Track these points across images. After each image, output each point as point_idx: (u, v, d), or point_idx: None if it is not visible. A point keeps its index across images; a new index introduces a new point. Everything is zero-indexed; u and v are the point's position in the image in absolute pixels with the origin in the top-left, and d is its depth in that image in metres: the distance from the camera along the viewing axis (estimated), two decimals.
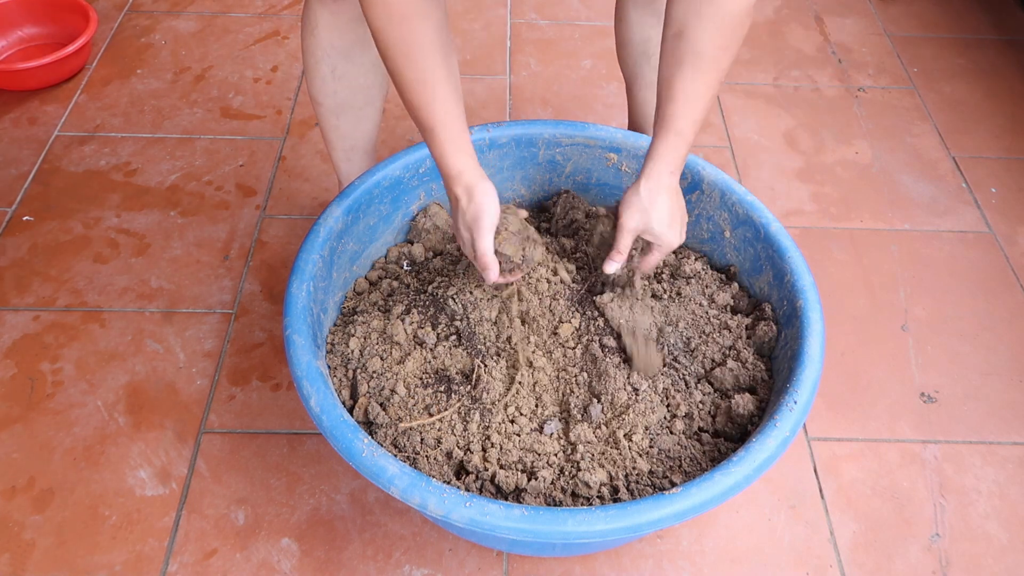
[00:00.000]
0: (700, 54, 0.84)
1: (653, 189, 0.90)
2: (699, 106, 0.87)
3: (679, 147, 0.88)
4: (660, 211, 0.90)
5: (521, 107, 1.70)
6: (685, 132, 0.88)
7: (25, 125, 1.61)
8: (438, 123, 0.84)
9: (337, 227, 1.05)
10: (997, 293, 1.38)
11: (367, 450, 0.82)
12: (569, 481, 0.90)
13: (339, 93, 1.13)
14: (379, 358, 0.99)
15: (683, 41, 0.85)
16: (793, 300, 0.99)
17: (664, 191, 0.90)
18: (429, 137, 0.86)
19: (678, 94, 0.86)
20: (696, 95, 0.86)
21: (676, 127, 0.87)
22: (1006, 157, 1.62)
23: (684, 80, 0.85)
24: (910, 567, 1.05)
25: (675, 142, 0.88)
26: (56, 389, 1.20)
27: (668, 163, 0.89)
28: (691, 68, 0.85)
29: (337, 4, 1.04)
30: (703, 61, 0.85)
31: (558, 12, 1.95)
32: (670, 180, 0.90)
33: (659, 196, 0.90)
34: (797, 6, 2.01)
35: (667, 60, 0.87)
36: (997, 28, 1.95)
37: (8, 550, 1.03)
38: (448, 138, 0.85)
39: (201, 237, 1.42)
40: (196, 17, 1.90)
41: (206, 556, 1.03)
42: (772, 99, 1.74)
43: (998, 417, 1.21)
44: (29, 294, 1.32)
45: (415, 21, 0.79)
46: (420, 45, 0.81)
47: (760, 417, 0.95)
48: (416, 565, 1.03)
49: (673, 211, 0.91)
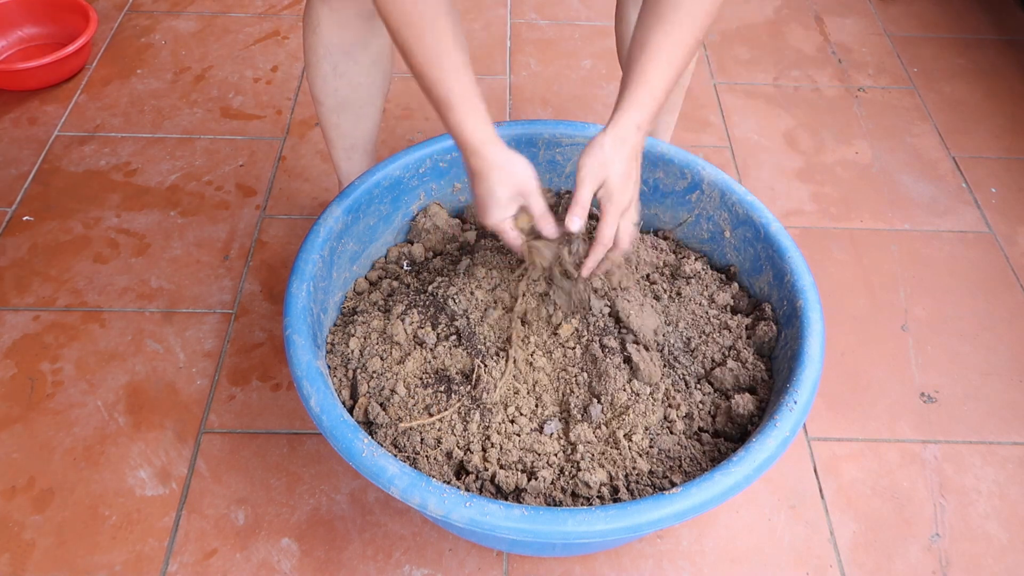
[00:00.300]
0: (679, 9, 0.82)
1: (617, 140, 0.85)
2: (674, 64, 0.84)
3: (648, 103, 0.85)
4: (618, 164, 0.85)
5: (521, 107, 1.70)
6: (656, 89, 0.84)
7: (25, 125, 1.61)
8: (453, 96, 0.82)
9: (337, 227, 1.05)
10: (997, 293, 1.38)
11: (367, 450, 0.82)
12: (569, 481, 0.90)
13: (340, 91, 1.13)
14: (379, 358, 0.99)
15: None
16: (793, 300, 0.99)
17: (627, 145, 0.85)
18: (446, 111, 0.83)
19: (652, 48, 0.83)
20: (672, 52, 0.83)
21: (648, 81, 0.84)
22: (1006, 157, 1.62)
23: (660, 35, 0.83)
24: (910, 567, 1.05)
25: (644, 97, 0.84)
26: (56, 389, 1.20)
27: (635, 116, 0.85)
28: (669, 23, 0.82)
29: (339, 2, 1.04)
30: (681, 16, 0.82)
31: (558, 12, 1.95)
32: (636, 136, 0.86)
33: (621, 149, 0.85)
34: (797, 6, 2.01)
35: (644, 16, 0.85)
36: (997, 28, 1.95)
37: (8, 550, 1.03)
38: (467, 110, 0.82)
39: (201, 237, 1.42)
40: (196, 17, 1.90)
41: (206, 556, 1.03)
42: (772, 99, 1.74)
43: (998, 417, 1.21)
44: (29, 294, 1.32)
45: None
46: (429, 19, 0.79)
47: (760, 417, 0.95)
48: (416, 565, 1.03)
49: (630, 168, 0.87)
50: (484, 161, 0.85)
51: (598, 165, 0.86)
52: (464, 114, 0.82)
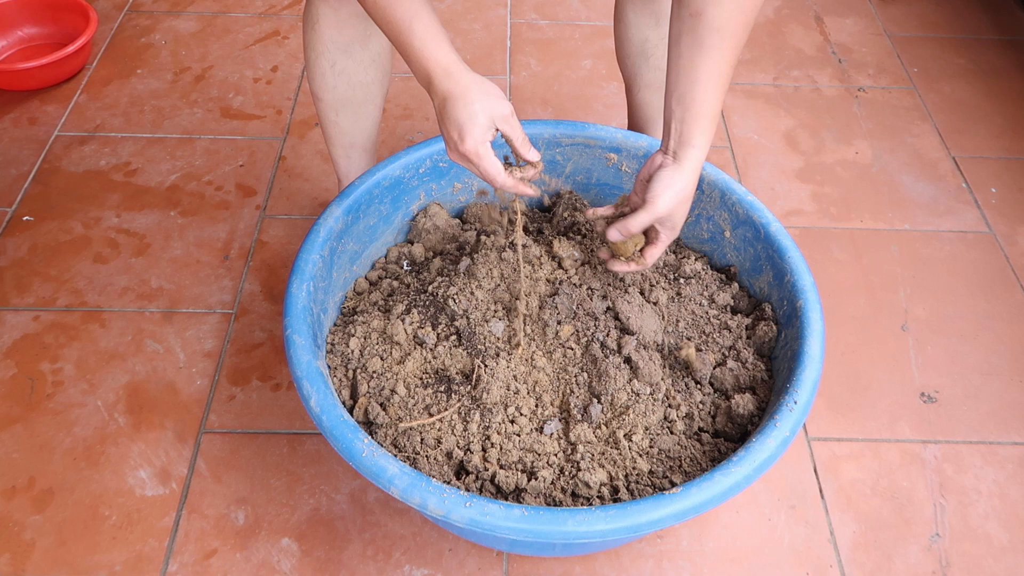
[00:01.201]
0: (722, 33, 0.82)
1: (691, 178, 0.87)
2: (724, 86, 0.85)
3: (712, 131, 0.87)
4: (688, 201, 0.89)
5: (521, 107, 1.70)
6: (715, 115, 0.86)
7: (25, 125, 1.61)
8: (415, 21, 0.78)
9: (337, 227, 1.05)
10: (997, 293, 1.38)
11: (367, 450, 0.82)
12: (569, 481, 0.90)
13: (339, 88, 1.14)
14: (379, 358, 0.99)
15: (702, 22, 0.82)
16: (793, 300, 0.99)
17: (696, 181, 0.89)
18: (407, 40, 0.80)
19: (702, 75, 0.84)
20: (720, 74, 0.84)
21: (708, 111, 0.85)
22: (1006, 157, 1.62)
23: (709, 60, 0.83)
24: (910, 567, 1.05)
25: (708, 126, 0.86)
26: (56, 389, 1.20)
27: (703, 149, 0.87)
28: (714, 49, 0.83)
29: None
30: (725, 40, 0.83)
31: (558, 12, 1.95)
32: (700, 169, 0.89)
33: (693, 187, 0.88)
34: (797, 6, 2.01)
35: (686, 42, 0.84)
36: (997, 28, 1.95)
37: (8, 550, 1.03)
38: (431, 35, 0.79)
39: (201, 237, 1.42)
40: (196, 17, 1.90)
41: (206, 556, 1.03)
42: (772, 99, 1.74)
43: (998, 417, 1.21)
44: (29, 294, 1.32)
45: None
46: None
47: (760, 417, 0.95)
48: (416, 565, 1.03)
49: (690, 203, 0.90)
50: (457, 83, 0.80)
51: (673, 200, 0.87)
52: (429, 40, 0.79)
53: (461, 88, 0.81)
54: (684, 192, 0.88)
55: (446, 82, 0.81)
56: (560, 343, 1.00)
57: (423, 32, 0.79)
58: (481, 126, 0.81)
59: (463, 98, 0.80)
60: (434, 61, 0.80)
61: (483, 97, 0.81)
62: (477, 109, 0.80)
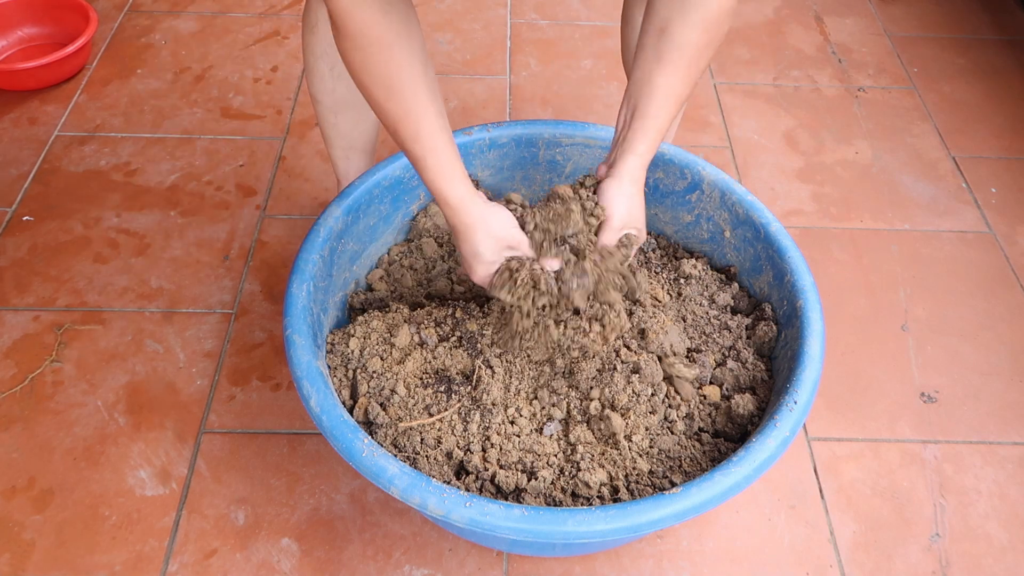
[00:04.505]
0: (683, 51, 0.84)
1: (636, 185, 0.89)
2: (677, 103, 0.87)
3: (656, 140, 0.88)
4: (641, 207, 0.90)
5: (521, 107, 1.70)
6: (663, 128, 0.87)
7: (25, 125, 1.61)
8: (430, 154, 0.81)
9: (337, 227, 1.05)
10: (997, 293, 1.38)
11: (367, 450, 0.82)
12: (569, 481, 0.90)
13: (338, 91, 1.14)
14: (379, 358, 0.99)
15: (665, 38, 0.84)
16: (793, 300, 0.99)
17: (641, 185, 0.89)
18: (422, 169, 0.83)
19: (658, 90, 0.85)
20: (675, 93, 0.86)
21: (658, 125, 0.87)
22: (1006, 157, 1.62)
23: (665, 76, 0.85)
24: (910, 567, 1.05)
25: (655, 138, 0.87)
26: (56, 389, 1.20)
27: (646, 159, 0.88)
28: (672, 65, 0.85)
29: None
30: (685, 59, 0.84)
31: (558, 12, 1.95)
32: (643, 175, 0.90)
33: (639, 192, 0.89)
34: (797, 6, 2.01)
35: (648, 55, 0.86)
36: (997, 28, 1.95)
37: (8, 550, 1.03)
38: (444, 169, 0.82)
39: (201, 237, 1.42)
40: (196, 17, 1.90)
41: (206, 556, 1.03)
42: (772, 99, 1.74)
43: (998, 417, 1.21)
44: (29, 294, 1.32)
45: (394, 49, 0.76)
46: (401, 74, 0.77)
47: (760, 417, 0.95)
48: (416, 565, 1.03)
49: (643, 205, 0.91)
50: (462, 220, 0.84)
51: (627, 214, 0.88)
52: (439, 172, 0.82)
53: (466, 225, 0.84)
54: (630, 199, 0.88)
55: (454, 217, 0.84)
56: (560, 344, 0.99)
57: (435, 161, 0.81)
58: (486, 261, 0.85)
59: (470, 237, 0.84)
60: (446, 193, 0.83)
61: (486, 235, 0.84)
62: (482, 247, 0.84)
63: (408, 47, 0.77)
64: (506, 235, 0.85)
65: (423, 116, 0.79)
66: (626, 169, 0.87)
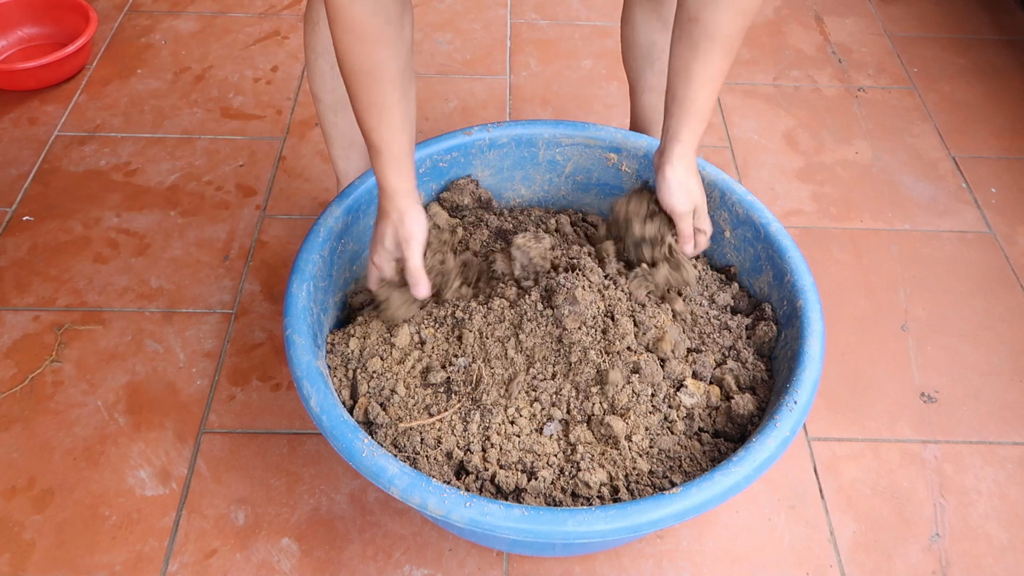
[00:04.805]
0: (714, 37, 0.87)
1: (691, 170, 0.94)
2: (716, 87, 0.91)
3: (700, 128, 0.93)
4: (697, 190, 0.96)
5: (521, 107, 1.70)
6: (705, 113, 0.92)
7: (25, 125, 1.61)
8: (384, 145, 0.87)
9: (337, 227, 1.05)
10: (997, 293, 1.38)
11: (367, 450, 0.82)
12: (569, 481, 0.90)
13: (338, 89, 1.14)
14: (379, 358, 0.99)
15: (698, 26, 0.87)
16: (793, 300, 0.99)
17: (696, 171, 0.96)
18: (374, 156, 0.89)
19: (696, 76, 0.90)
20: (712, 77, 0.90)
21: (697, 109, 0.91)
22: (1006, 157, 1.62)
23: (701, 63, 0.89)
24: (910, 567, 1.05)
25: (696, 124, 0.92)
26: (56, 389, 1.20)
27: (694, 144, 0.94)
28: (707, 52, 0.88)
29: None
30: (718, 44, 0.88)
31: (558, 12, 1.95)
32: (694, 159, 0.96)
33: (694, 175, 0.95)
34: (797, 6, 2.01)
35: (683, 43, 0.90)
36: (997, 28, 1.95)
37: (8, 550, 1.03)
38: (390, 162, 0.89)
39: (201, 237, 1.42)
40: (196, 17, 1.90)
41: (206, 556, 1.03)
42: (772, 99, 1.74)
43: (998, 417, 1.21)
44: (29, 294, 1.32)
45: (377, 46, 0.80)
46: (378, 70, 0.82)
47: (760, 417, 0.95)
48: (416, 565, 1.03)
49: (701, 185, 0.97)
50: (385, 208, 0.92)
51: (687, 200, 0.95)
52: (386, 163, 0.89)
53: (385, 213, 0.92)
54: (683, 185, 0.94)
55: (383, 201, 0.92)
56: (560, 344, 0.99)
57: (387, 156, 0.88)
58: (384, 247, 0.94)
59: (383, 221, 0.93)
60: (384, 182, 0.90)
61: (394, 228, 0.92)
62: (387, 234, 0.93)
63: (392, 46, 0.81)
64: (407, 236, 0.92)
65: (387, 111, 0.85)
66: (676, 156, 0.93)
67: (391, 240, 0.93)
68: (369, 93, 0.84)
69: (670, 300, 1.03)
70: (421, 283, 0.93)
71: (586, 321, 0.95)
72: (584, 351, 0.96)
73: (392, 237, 0.93)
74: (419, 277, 0.93)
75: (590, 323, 0.96)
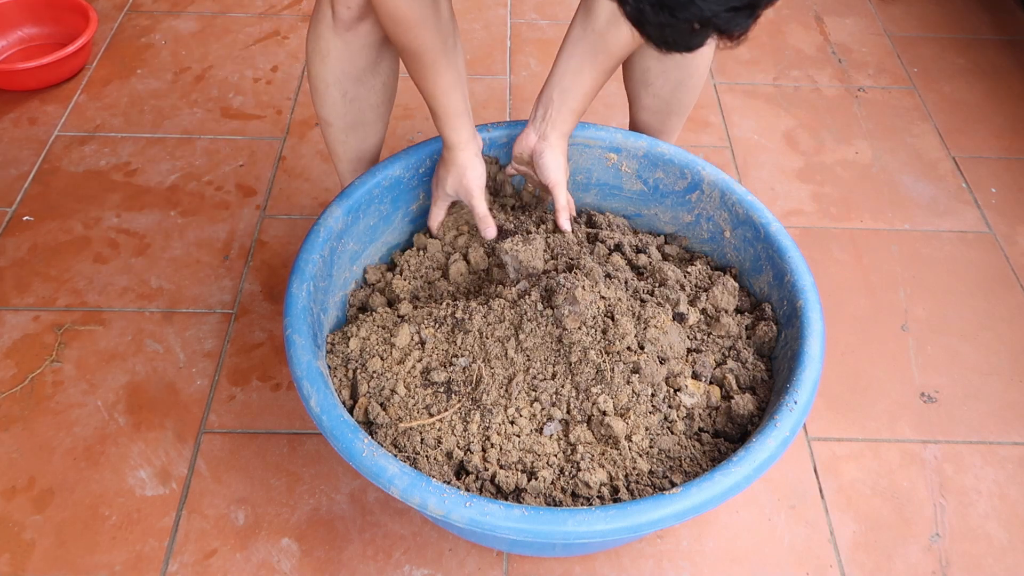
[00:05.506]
0: (613, 56, 1.02)
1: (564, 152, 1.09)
2: (598, 90, 1.07)
3: (578, 120, 1.08)
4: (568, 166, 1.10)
5: (521, 107, 1.70)
6: (584, 110, 1.07)
7: (25, 125, 1.61)
8: (439, 107, 1.02)
9: (337, 227, 1.05)
10: (997, 293, 1.38)
11: (367, 450, 0.82)
12: (569, 481, 0.90)
13: (350, 114, 1.14)
14: (379, 358, 0.99)
15: (603, 40, 1.01)
16: (793, 300, 0.99)
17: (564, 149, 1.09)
18: (434, 118, 1.04)
19: (587, 80, 1.04)
20: (598, 85, 1.05)
21: (580, 108, 1.06)
22: (1006, 157, 1.62)
23: (597, 72, 1.03)
24: (910, 567, 1.05)
25: (577, 119, 1.07)
26: (56, 389, 1.20)
27: (567, 131, 1.08)
28: (603, 63, 1.03)
29: (351, 33, 1.04)
30: (613, 61, 1.03)
31: (558, 12, 1.95)
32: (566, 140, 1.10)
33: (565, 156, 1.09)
34: (797, 6, 2.01)
35: (583, 47, 1.03)
36: (997, 28, 1.95)
37: (8, 550, 1.03)
38: (446, 119, 1.02)
39: (201, 237, 1.42)
40: (196, 17, 1.90)
41: (206, 556, 1.03)
42: (772, 99, 1.74)
43: (998, 417, 1.21)
44: (29, 294, 1.32)
45: (420, 29, 0.94)
46: (424, 48, 0.96)
47: (760, 417, 0.95)
48: (416, 565, 1.03)
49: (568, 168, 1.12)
50: (448, 157, 1.06)
51: (561, 170, 1.08)
52: (444, 123, 1.03)
53: (449, 162, 1.06)
54: (560, 165, 1.08)
55: (446, 152, 1.06)
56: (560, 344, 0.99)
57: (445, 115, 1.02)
58: (445, 191, 1.09)
59: (447, 168, 1.07)
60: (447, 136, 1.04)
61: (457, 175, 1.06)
62: (449, 179, 1.07)
63: (433, 27, 0.95)
64: (468, 185, 1.06)
65: (438, 78, 0.99)
66: (558, 142, 1.07)
67: (452, 188, 1.07)
68: (420, 65, 0.98)
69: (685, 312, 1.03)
70: (490, 226, 1.07)
71: (586, 321, 0.96)
72: (584, 351, 0.95)
73: (453, 186, 1.07)
74: (487, 221, 1.07)
75: (590, 323, 0.96)
